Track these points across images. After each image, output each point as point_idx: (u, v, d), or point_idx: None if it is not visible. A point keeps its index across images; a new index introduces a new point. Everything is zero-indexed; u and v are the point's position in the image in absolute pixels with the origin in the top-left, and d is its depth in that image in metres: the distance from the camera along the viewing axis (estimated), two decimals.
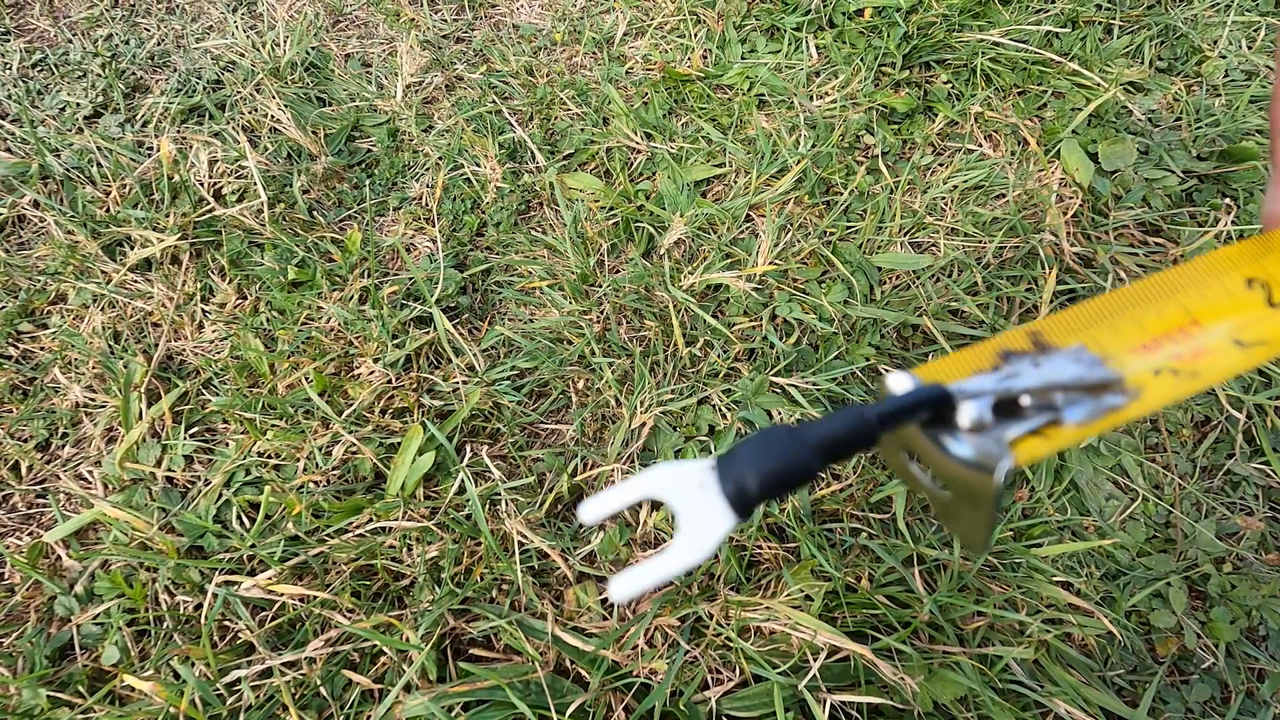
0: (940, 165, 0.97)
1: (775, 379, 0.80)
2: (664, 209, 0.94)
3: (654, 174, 0.98)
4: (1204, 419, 0.85)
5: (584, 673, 0.67)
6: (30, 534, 0.77)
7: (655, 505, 0.76)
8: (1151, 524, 0.79)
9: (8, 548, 0.76)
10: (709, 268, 0.87)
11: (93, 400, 0.82)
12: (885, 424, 0.20)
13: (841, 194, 0.93)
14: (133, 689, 0.64)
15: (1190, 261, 0.26)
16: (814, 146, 0.96)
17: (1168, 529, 0.79)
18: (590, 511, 0.21)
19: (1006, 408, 0.21)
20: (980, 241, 0.90)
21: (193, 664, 0.66)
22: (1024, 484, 0.79)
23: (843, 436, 0.20)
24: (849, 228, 0.92)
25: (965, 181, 0.93)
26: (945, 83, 1.04)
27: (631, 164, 0.99)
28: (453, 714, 0.65)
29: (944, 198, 0.93)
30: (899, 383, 0.22)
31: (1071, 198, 0.90)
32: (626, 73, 1.10)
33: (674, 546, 0.20)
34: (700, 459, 0.21)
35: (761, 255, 0.88)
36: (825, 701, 0.63)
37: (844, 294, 0.86)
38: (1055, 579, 0.74)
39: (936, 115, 1.00)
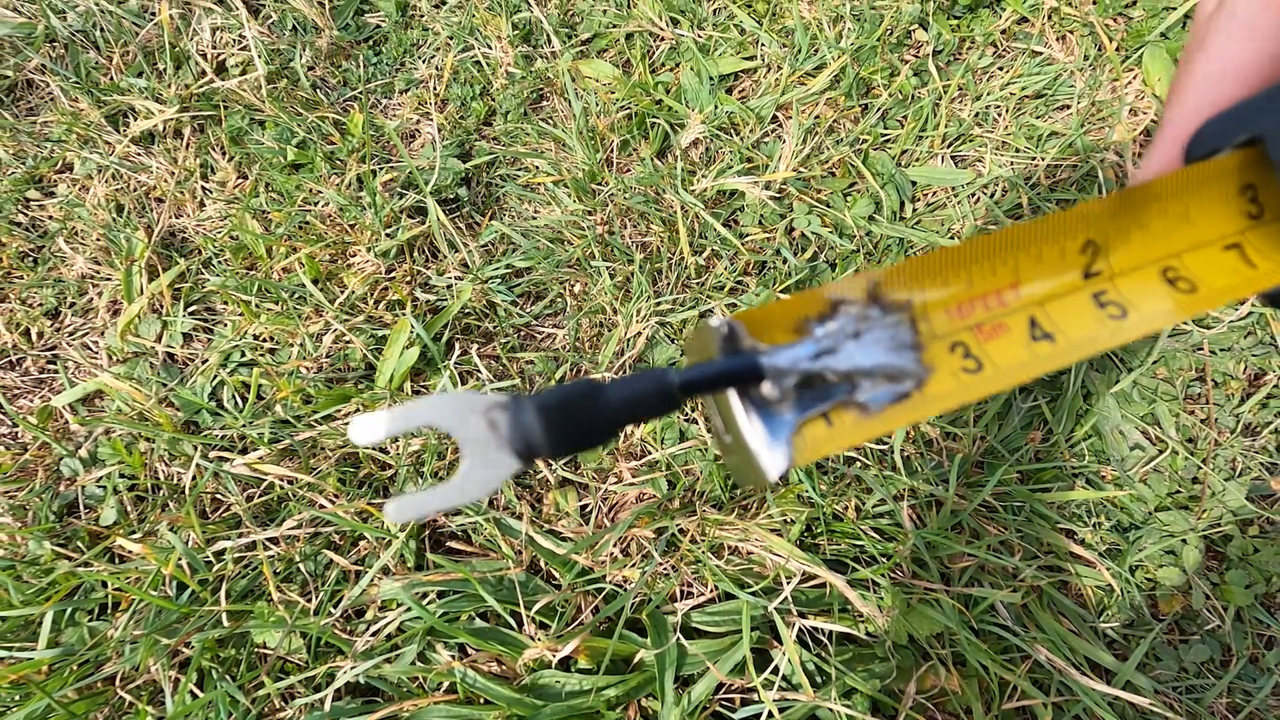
0: (999, 69, 0.86)
1: (783, 296, 0.75)
2: (683, 105, 0.86)
3: (676, 65, 0.90)
4: (1259, 372, 0.77)
5: (556, 574, 0.67)
6: (42, 397, 0.80)
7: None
8: (1177, 479, 0.73)
9: (20, 410, 0.79)
10: (724, 171, 0.81)
11: (97, 272, 0.83)
12: (688, 392, 0.20)
13: (881, 95, 0.84)
14: (128, 549, 0.67)
15: (1061, 211, 0.22)
16: (857, 40, 0.86)
17: (1194, 485, 0.73)
18: (362, 431, 0.19)
19: (811, 379, 0.21)
20: (1033, 158, 0.80)
21: (178, 531, 0.68)
22: (1041, 425, 0.74)
23: (643, 402, 0.19)
24: (884, 135, 0.83)
25: (1024, 89, 0.83)
26: None
27: (653, 53, 0.91)
28: (426, 600, 0.67)
29: (998, 106, 0.83)
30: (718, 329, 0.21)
31: (1146, 112, 0.79)
32: None
33: (456, 481, 0.19)
34: (491, 394, 0.20)
35: (784, 161, 0.81)
36: (794, 625, 0.62)
37: (870, 209, 0.79)
38: (1059, 526, 0.70)
39: (1004, 9, 0.88)
